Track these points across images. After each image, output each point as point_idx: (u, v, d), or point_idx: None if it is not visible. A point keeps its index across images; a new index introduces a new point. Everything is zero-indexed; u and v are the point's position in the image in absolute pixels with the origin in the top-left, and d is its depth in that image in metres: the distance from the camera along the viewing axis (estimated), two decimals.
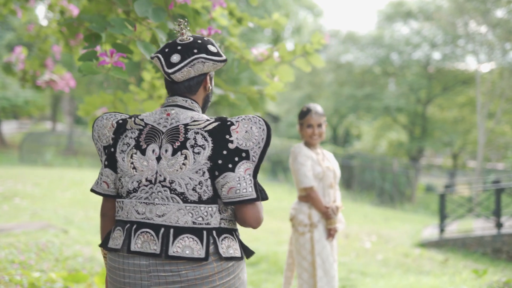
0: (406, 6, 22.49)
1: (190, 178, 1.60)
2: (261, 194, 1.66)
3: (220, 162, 1.60)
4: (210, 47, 1.71)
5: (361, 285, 5.53)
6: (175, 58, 1.68)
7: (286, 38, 22.96)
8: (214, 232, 1.63)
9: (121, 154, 1.69)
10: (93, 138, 1.79)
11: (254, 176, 1.64)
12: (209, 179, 1.61)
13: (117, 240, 1.67)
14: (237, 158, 1.62)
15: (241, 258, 1.69)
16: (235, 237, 1.70)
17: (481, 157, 16.41)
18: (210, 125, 1.64)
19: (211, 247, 1.61)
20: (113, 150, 1.71)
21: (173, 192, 1.61)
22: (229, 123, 1.65)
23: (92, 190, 1.77)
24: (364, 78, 23.69)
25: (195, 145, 1.61)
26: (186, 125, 1.65)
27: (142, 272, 1.61)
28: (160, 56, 1.71)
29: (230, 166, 1.61)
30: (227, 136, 1.63)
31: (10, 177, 11.38)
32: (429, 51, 22.18)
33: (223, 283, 1.64)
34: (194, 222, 1.61)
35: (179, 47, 1.70)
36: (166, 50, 1.71)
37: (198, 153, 1.60)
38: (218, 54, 1.72)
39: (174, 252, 1.58)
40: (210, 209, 1.62)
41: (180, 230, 1.60)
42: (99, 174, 1.76)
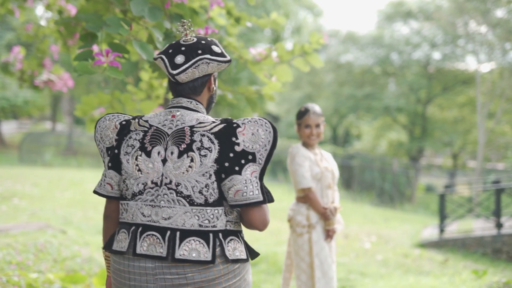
0: (406, 6, 22.48)
1: (196, 181, 1.59)
2: (267, 197, 1.65)
3: (226, 164, 1.59)
4: (214, 48, 1.70)
5: (360, 285, 5.51)
6: (179, 59, 1.66)
7: (286, 38, 22.94)
8: (220, 234, 1.62)
9: (125, 156, 1.67)
10: (95, 139, 1.77)
11: (260, 178, 1.63)
12: (215, 182, 1.60)
13: (122, 242, 1.66)
14: (243, 161, 1.61)
15: (246, 260, 1.68)
16: (241, 238, 1.70)
17: (481, 157, 16.39)
18: (216, 127, 1.63)
19: (218, 250, 1.60)
20: (117, 151, 1.70)
21: (179, 194, 1.60)
22: (235, 126, 1.63)
23: (95, 192, 1.75)
24: (364, 78, 23.69)
25: (202, 147, 1.60)
26: (192, 127, 1.64)
27: (148, 275, 1.60)
28: (163, 57, 1.69)
29: (236, 168, 1.60)
30: (234, 138, 1.61)
31: (9, 177, 11.37)
32: (429, 51, 22.18)
33: (229, 285, 1.63)
34: (200, 225, 1.60)
35: (183, 48, 1.68)
36: (170, 51, 1.70)
37: (205, 155, 1.59)
38: (222, 55, 1.71)
39: (180, 255, 1.57)
40: (216, 211, 1.61)
41: (186, 233, 1.59)
42: (102, 175, 1.74)
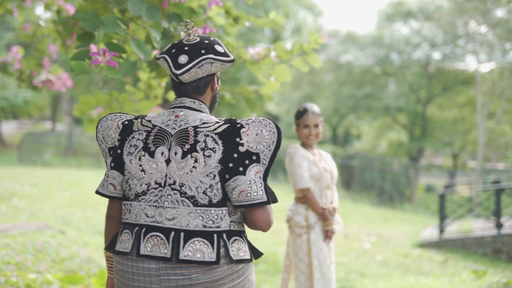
0: (406, 6, 22.47)
1: (200, 181, 1.58)
2: (271, 197, 1.65)
3: (230, 165, 1.59)
4: (217, 47, 1.70)
5: (360, 285, 5.50)
6: (183, 59, 1.65)
7: (286, 38, 22.92)
8: (224, 235, 1.62)
9: (128, 156, 1.66)
10: (97, 139, 1.77)
11: (264, 179, 1.63)
12: (219, 182, 1.59)
13: (125, 243, 1.65)
14: (247, 161, 1.60)
15: (250, 260, 1.68)
16: (244, 238, 1.70)
17: (481, 157, 16.38)
18: (220, 127, 1.63)
19: (222, 250, 1.60)
20: (119, 151, 1.69)
21: (183, 195, 1.59)
22: (239, 126, 1.63)
23: (97, 192, 1.74)
24: (364, 78, 23.67)
25: (206, 148, 1.59)
26: (195, 127, 1.63)
27: (152, 276, 1.60)
28: (166, 57, 1.69)
29: (241, 169, 1.59)
30: (238, 139, 1.61)
31: (9, 177, 11.35)
32: (429, 51, 22.17)
33: (234, 286, 1.63)
34: (204, 226, 1.59)
35: (186, 48, 1.67)
36: (173, 50, 1.69)
37: (209, 156, 1.59)
38: (225, 54, 1.71)
39: (185, 256, 1.57)
40: (220, 212, 1.61)
41: (190, 234, 1.59)
42: (105, 175, 1.73)
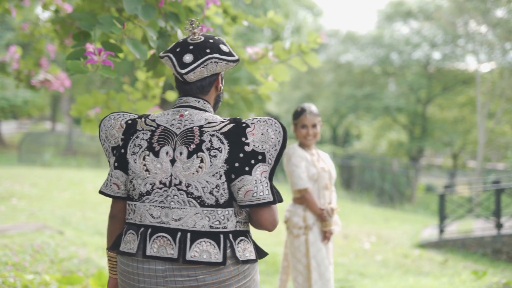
0: (406, 6, 22.45)
1: (207, 182, 1.58)
2: (277, 197, 1.64)
3: (236, 165, 1.58)
4: (222, 47, 1.69)
5: (359, 286, 5.48)
6: (188, 58, 1.64)
7: (285, 38, 22.90)
8: (230, 235, 1.61)
9: (132, 155, 1.65)
10: (100, 138, 1.75)
11: (270, 178, 1.63)
12: (225, 182, 1.59)
13: (130, 244, 1.63)
14: (253, 161, 1.60)
15: (255, 260, 1.68)
16: (250, 239, 1.69)
17: (481, 157, 16.36)
18: (225, 127, 1.62)
19: (228, 251, 1.60)
20: (123, 151, 1.68)
21: (190, 195, 1.58)
22: (244, 125, 1.62)
23: (101, 192, 1.73)
24: (364, 78, 23.65)
25: (211, 148, 1.58)
26: (200, 127, 1.62)
27: (158, 277, 1.59)
28: (171, 55, 1.67)
29: (246, 169, 1.59)
30: (243, 138, 1.60)
31: (8, 177, 11.33)
32: (429, 51, 22.14)
33: (240, 286, 1.63)
34: (211, 226, 1.59)
35: (191, 47, 1.66)
36: (178, 49, 1.67)
37: (215, 156, 1.58)
38: (230, 54, 1.70)
39: (191, 256, 1.56)
40: (226, 212, 1.60)
41: (197, 235, 1.58)
42: (108, 175, 1.72)
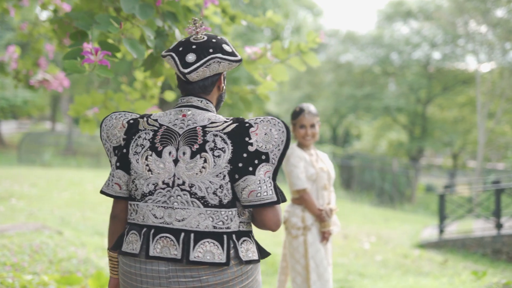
0: (406, 6, 22.45)
1: (210, 182, 1.57)
2: (280, 197, 1.64)
3: (240, 165, 1.57)
4: (225, 47, 1.68)
5: (359, 286, 5.47)
6: (191, 57, 1.63)
7: (285, 38, 22.89)
8: (234, 236, 1.61)
9: (135, 155, 1.64)
10: (101, 138, 1.75)
11: (273, 178, 1.62)
12: (229, 183, 1.58)
13: (133, 244, 1.62)
14: (257, 161, 1.59)
15: (258, 261, 1.67)
16: (252, 239, 1.68)
17: (481, 157, 16.35)
18: (228, 127, 1.61)
19: (232, 252, 1.59)
20: (125, 151, 1.67)
21: (193, 196, 1.57)
22: (247, 125, 1.62)
23: (102, 192, 1.72)
24: (363, 78, 23.65)
25: (215, 148, 1.58)
26: (204, 127, 1.61)
27: (161, 278, 1.58)
28: (174, 55, 1.66)
29: (250, 169, 1.58)
30: (247, 138, 1.60)
31: (8, 177, 11.32)
32: (429, 51, 22.14)
33: (243, 287, 1.62)
34: (214, 227, 1.58)
35: (194, 46, 1.65)
36: (180, 49, 1.67)
37: (219, 156, 1.57)
38: (233, 54, 1.69)
39: (195, 257, 1.56)
40: (230, 213, 1.60)
41: (200, 235, 1.57)
42: (110, 175, 1.71)
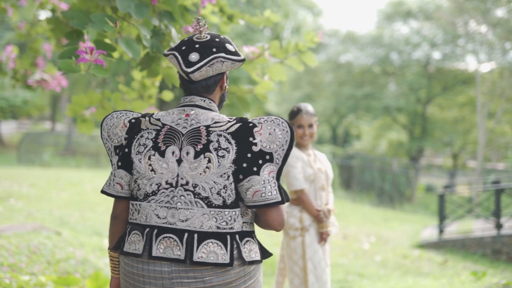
0: (406, 6, 22.44)
1: (214, 182, 1.56)
2: (284, 197, 1.62)
3: (244, 165, 1.57)
4: (228, 46, 1.67)
5: (358, 287, 5.46)
6: (194, 56, 1.63)
7: (285, 38, 22.87)
8: (237, 236, 1.60)
9: (137, 155, 1.62)
10: (102, 137, 1.73)
11: (277, 178, 1.61)
12: (233, 183, 1.57)
13: (135, 244, 1.61)
14: (261, 161, 1.58)
15: (260, 261, 1.66)
16: (255, 239, 1.68)
17: (481, 157, 16.33)
18: (232, 127, 1.60)
19: (235, 252, 1.59)
20: (127, 150, 1.65)
21: (197, 196, 1.56)
22: (251, 125, 1.61)
23: (103, 192, 1.71)
24: (363, 78, 23.65)
25: (219, 148, 1.57)
26: (207, 126, 1.60)
27: (164, 278, 1.56)
28: (176, 54, 1.65)
29: (254, 169, 1.57)
30: (251, 138, 1.59)
31: (7, 177, 11.30)
32: (429, 51, 22.13)
33: None
34: (218, 227, 1.57)
35: (197, 45, 1.64)
36: (183, 48, 1.65)
37: (223, 156, 1.56)
38: (236, 53, 1.68)
39: (199, 257, 1.54)
40: (233, 213, 1.59)
41: (204, 235, 1.56)
42: (111, 175, 1.69)
